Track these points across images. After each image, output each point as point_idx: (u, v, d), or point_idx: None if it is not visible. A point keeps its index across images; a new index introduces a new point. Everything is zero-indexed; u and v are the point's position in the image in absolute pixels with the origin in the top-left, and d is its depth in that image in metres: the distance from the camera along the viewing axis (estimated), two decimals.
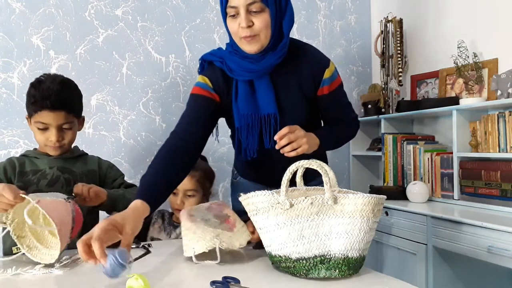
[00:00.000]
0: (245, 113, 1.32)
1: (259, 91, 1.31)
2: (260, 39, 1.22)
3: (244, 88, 1.31)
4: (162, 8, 2.39)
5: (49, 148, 1.39)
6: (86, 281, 1.00)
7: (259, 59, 1.26)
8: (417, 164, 2.37)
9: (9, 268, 1.04)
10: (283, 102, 1.33)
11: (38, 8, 2.14)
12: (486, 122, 2.06)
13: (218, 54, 1.35)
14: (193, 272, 1.07)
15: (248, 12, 1.19)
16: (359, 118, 2.76)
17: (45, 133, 1.36)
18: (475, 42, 2.27)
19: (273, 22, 1.22)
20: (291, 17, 1.28)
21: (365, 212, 0.94)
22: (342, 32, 2.89)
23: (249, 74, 1.29)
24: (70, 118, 1.38)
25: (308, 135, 1.27)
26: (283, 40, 1.26)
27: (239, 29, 1.21)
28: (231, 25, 1.24)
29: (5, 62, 2.08)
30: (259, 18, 1.20)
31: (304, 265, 0.95)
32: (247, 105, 1.32)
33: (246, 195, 1.01)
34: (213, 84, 1.34)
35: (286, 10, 1.26)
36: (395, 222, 2.14)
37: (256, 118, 1.32)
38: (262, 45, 1.23)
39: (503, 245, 1.61)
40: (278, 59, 1.27)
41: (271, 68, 1.28)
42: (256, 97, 1.32)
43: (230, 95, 1.34)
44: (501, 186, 1.95)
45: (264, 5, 1.19)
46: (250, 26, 1.20)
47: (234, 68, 1.30)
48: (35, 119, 1.35)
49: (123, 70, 2.30)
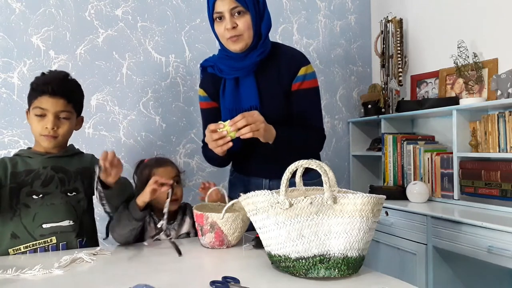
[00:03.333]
0: (230, 107, 1.48)
1: (243, 87, 1.47)
2: (244, 38, 1.41)
3: (231, 85, 1.48)
4: (162, 8, 2.39)
5: (43, 138, 1.36)
6: (86, 281, 1.00)
7: (243, 58, 1.44)
8: (417, 164, 2.37)
9: (9, 269, 1.04)
10: (264, 96, 1.46)
11: (38, 8, 2.14)
12: (486, 122, 2.06)
13: (211, 60, 1.54)
14: (193, 272, 1.08)
15: (232, 16, 1.39)
16: (359, 118, 2.83)
17: (41, 121, 1.34)
18: (475, 42, 2.27)
19: (253, 23, 1.41)
20: (268, 20, 1.46)
21: (365, 211, 0.94)
22: (342, 32, 2.89)
23: (236, 71, 1.46)
24: (68, 108, 1.37)
25: (266, 124, 1.34)
26: (262, 40, 1.44)
27: (225, 31, 1.40)
28: (218, 28, 1.43)
29: (5, 62, 2.08)
30: (241, 20, 1.39)
31: (303, 265, 0.95)
32: (232, 99, 1.48)
33: (246, 195, 1.01)
34: (207, 92, 1.57)
35: (263, 14, 1.45)
36: (395, 222, 2.14)
37: (239, 111, 1.41)
38: (246, 44, 1.42)
39: (503, 245, 1.61)
40: (258, 56, 1.44)
41: (255, 65, 1.45)
42: (240, 92, 1.47)
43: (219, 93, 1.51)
44: (501, 186, 1.95)
45: (245, 9, 1.39)
46: (234, 27, 1.39)
47: (224, 68, 1.48)
48: (34, 105, 1.34)
49: (123, 70, 2.30)
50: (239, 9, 1.38)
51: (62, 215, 1.35)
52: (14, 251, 1.31)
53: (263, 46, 1.45)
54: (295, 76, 1.47)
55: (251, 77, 1.46)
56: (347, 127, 2.88)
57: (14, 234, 1.31)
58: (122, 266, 1.12)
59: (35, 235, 1.31)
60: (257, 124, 1.29)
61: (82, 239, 1.39)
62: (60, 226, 1.34)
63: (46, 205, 1.34)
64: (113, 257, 1.19)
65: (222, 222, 1.25)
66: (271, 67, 1.47)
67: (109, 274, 1.04)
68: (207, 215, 1.26)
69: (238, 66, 1.45)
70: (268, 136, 1.36)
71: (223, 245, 1.28)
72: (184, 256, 1.20)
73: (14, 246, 1.31)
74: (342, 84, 2.89)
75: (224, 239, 1.27)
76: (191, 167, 2.42)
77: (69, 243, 1.35)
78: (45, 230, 1.32)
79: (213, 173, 2.43)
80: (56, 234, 1.33)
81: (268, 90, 1.47)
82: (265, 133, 1.32)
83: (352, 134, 2.85)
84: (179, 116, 2.41)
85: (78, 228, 1.38)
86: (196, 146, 2.42)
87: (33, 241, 1.31)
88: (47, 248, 1.32)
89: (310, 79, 1.48)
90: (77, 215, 1.38)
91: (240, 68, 1.45)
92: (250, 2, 1.39)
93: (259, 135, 1.31)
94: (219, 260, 1.19)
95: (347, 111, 2.90)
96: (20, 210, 1.32)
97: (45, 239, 1.32)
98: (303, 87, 1.47)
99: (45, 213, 1.33)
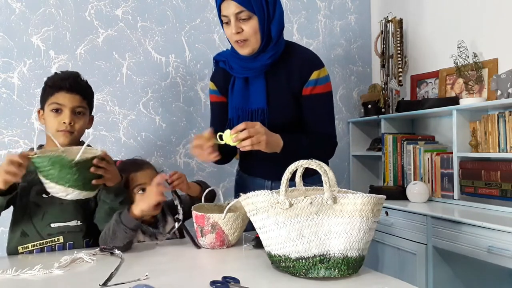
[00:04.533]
0: (237, 106, 1.45)
1: (252, 87, 1.43)
2: (250, 43, 1.36)
3: (240, 84, 1.45)
4: (162, 8, 2.39)
5: (60, 134, 1.36)
6: (86, 281, 1.00)
7: (252, 60, 1.41)
8: (417, 164, 2.37)
9: (9, 269, 1.04)
10: (272, 98, 1.42)
11: (38, 8, 2.14)
12: (486, 122, 2.06)
13: (224, 55, 1.51)
14: (193, 272, 1.08)
15: (237, 20, 1.33)
16: (359, 118, 2.82)
17: (58, 117, 1.36)
18: (475, 42, 2.27)
19: (261, 27, 1.34)
20: (280, 22, 1.39)
21: (365, 211, 0.94)
22: (342, 32, 2.89)
23: (247, 71, 1.43)
24: (84, 104, 1.41)
25: (271, 134, 1.29)
26: (272, 43, 1.38)
27: (231, 34, 1.36)
28: (226, 31, 1.39)
29: (5, 62, 2.08)
30: (247, 25, 1.34)
31: (303, 265, 0.95)
32: (240, 98, 1.45)
33: (246, 195, 1.01)
34: (217, 86, 1.53)
35: (274, 15, 1.37)
36: (395, 222, 2.14)
37: (246, 111, 1.42)
38: (253, 49, 1.37)
39: (503, 245, 1.61)
40: (268, 59, 1.39)
41: (265, 67, 1.41)
42: (249, 92, 1.44)
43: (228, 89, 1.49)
44: (501, 186, 1.95)
45: (251, 13, 1.32)
46: (239, 32, 1.34)
47: (235, 67, 1.45)
48: (50, 101, 1.36)
49: (123, 70, 2.30)
50: (245, 14, 1.32)
51: (70, 215, 1.36)
52: (22, 249, 1.32)
53: (274, 48, 1.39)
54: (306, 80, 1.40)
55: (261, 78, 1.42)
56: (347, 127, 2.88)
57: (24, 232, 1.32)
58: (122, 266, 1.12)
59: (43, 234, 1.32)
60: (258, 136, 1.24)
61: (89, 239, 1.40)
62: (67, 226, 1.35)
63: (55, 205, 1.34)
64: (113, 257, 1.19)
65: (223, 222, 1.24)
66: (282, 69, 1.43)
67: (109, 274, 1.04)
68: (208, 216, 1.25)
69: (249, 66, 1.42)
70: (273, 147, 1.31)
71: (224, 245, 1.28)
72: (184, 256, 1.20)
73: (23, 244, 1.32)
74: (342, 84, 2.89)
75: (225, 239, 1.27)
76: (191, 167, 2.42)
77: (76, 243, 1.36)
78: (53, 229, 1.33)
79: (213, 173, 2.43)
80: (63, 234, 1.34)
81: (277, 93, 1.42)
82: (268, 145, 1.27)
83: (352, 134, 2.85)
84: (179, 116, 2.41)
85: (86, 228, 1.38)
86: None
87: (41, 240, 1.32)
88: (54, 247, 1.33)
89: (322, 84, 1.41)
90: (85, 216, 1.39)
91: (250, 68, 1.42)
92: (257, 5, 1.32)
93: (259, 147, 1.26)
94: (219, 260, 1.19)
95: (347, 111, 2.90)
96: (30, 208, 1.34)
97: (52, 238, 1.33)
98: (315, 92, 1.41)
99: (54, 213, 1.34)
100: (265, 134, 1.25)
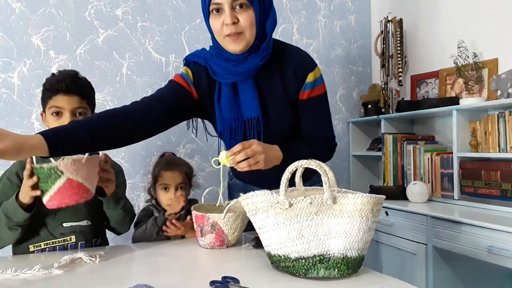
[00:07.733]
0: (227, 117, 1.28)
1: (242, 94, 1.27)
2: (245, 37, 1.19)
3: (227, 91, 1.27)
4: (162, 8, 2.39)
5: None
6: (86, 281, 1.00)
7: (242, 61, 1.23)
8: (417, 164, 2.37)
9: (9, 269, 1.04)
10: (267, 104, 1.29)
11: (38, 8, 2.14)
12: (486, 122, 2.06)
13: (202, 55, 1.32)
14: (192, 272, 1.08)
15: (232, 9, 1.17)
16: (359, 118, 2.82)
17: (59, 120, 1.35)
18: (475, 42, 2.27)
19: (257, 20, 1.19)
20: (274, 18, 1.26)
21: (364, 211, 0.94)
22: (342, 32, 2.89)
23: (233, 76, 1.25)
24: (83, 104, 1.38)
25: (269, 148, 1.20)
26: (266, 40, 1.23)
27: (223, 26, 1.19)
28: (214, 23, 1.21)
29: (5, 62, 2.08)
30: (244, 15, 1.17)
31: (303, 265, 0.95)
32: (230, 108, 1.28)
33: (246, 194, 1.01)
34: (194, 79, 1.30)
35: (269, 10, 1.24)
36: (395, 222, 2.14)
37: (240, 121, 1.27)
38: (247, 44, 1.20)
39: (503, 245, 1.61)
40: (261, 60, 1.23)
41: (255, 70, 1.24)
42: (239, 100, 1.27)
43: (213, 97, 1.30)
44: (501, 186, 1.95)
45: (249, 3, 1.17)
46: (235, 23, 1.17)
47: (218, 71, 1.26)
48: (50, 105, 1.35)
49: (123, 70, 2.30)
50: (242, 1, 1.16)
51: (81, 215, 1.36)
52: (34, 247, 1.32)
53: (267, 48, 1.24)
54: (302, 84, 1.28)
55: (251, 82, 1.26)
56: (347, 127, 2.88)
57: (36, 231, 1.32)
58: (122, 266, 1.12)
59: (55, 233, 1.33)
60: (256, 157, 1.15)
61: (97, 239, 1.41)
62: (79, 226, 1.35)
63: None
64: (113, 257, 1.19)
65: (223, 222, 1.25)
66: (274, 71, 1.28)
67: (109, 274, 1.04)
68: (208, 216, 1.25)
69: (236, 70, 1.24)
70: (273, 162, 1.21)
71: (223, 245, 1.28)
72: (183, 256, 1.20)
73: (35, 243, 1.32)
74: (342, 84, 2.89)
75: (224, 239, 1.27)
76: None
77: (87, 243, 1.37)
78: (65, 229, 1.33)
79: (213, 173, 2.43)
80: (75, 233, 1.35)
81: (272, 98, 1.29)
82: (267, 163, 1.18)
83: (352, 134, 2.86)
84: None
85: (95, 228, 1.39)
86: (196, 146, 2.42)
87: (53, 239, 1.33)
88: (66, 246, 1.33)
89: (319, 85, 1.30)
90: (95, 216, 1.39)
91: (238, 73, 1.24)
92: None
93: (258, 167, 1.17)
94: (218, 260, 1.18)
95: (347, 111, 2.90)
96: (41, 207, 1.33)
97: (64, 238, 1.33)
98: (313, 95, 1.29)
99: (66, 212, 1.33)
100: (263, 152, 1.16)
